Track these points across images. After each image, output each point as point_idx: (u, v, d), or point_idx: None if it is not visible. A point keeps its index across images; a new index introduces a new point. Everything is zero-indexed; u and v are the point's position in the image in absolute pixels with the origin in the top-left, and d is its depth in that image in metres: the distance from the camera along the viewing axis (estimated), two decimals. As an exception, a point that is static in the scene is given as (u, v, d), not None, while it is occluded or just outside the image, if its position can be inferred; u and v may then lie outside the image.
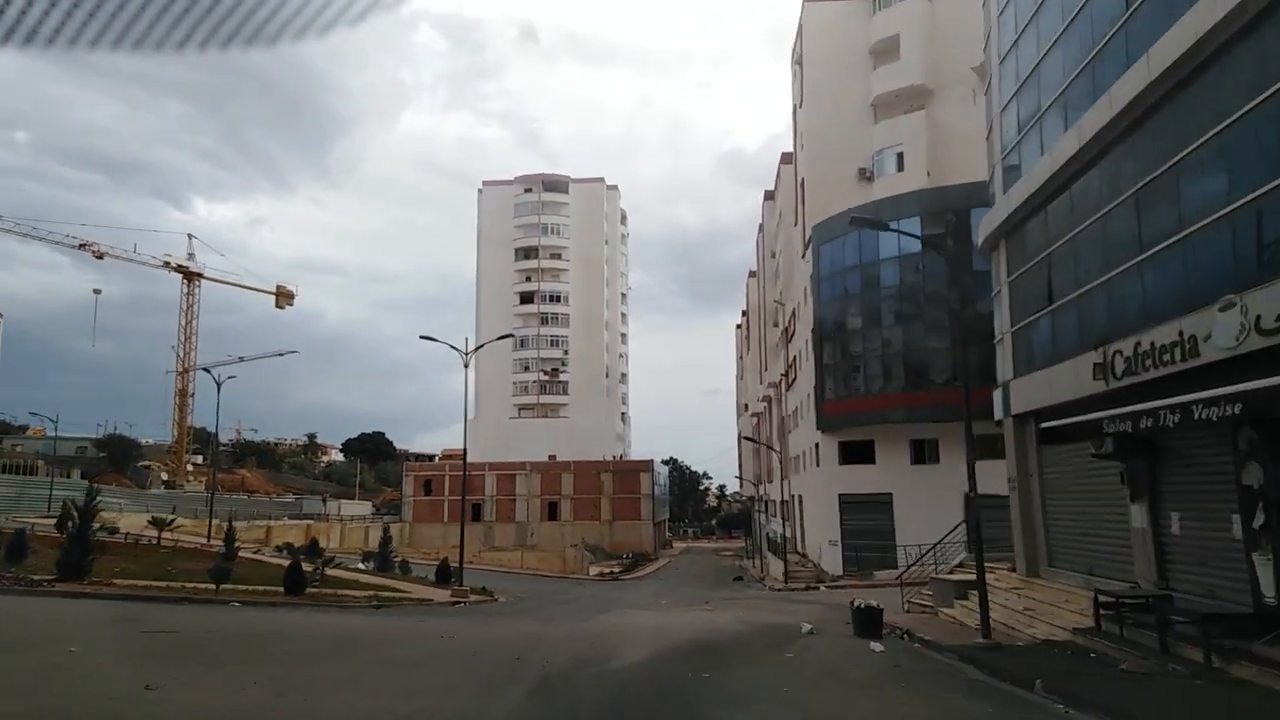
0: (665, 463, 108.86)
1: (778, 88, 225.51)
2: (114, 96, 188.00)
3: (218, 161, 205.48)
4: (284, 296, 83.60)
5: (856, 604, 16.25)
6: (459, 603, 27.68)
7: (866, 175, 46.25)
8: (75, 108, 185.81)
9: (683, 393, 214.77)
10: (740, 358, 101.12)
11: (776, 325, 63.07)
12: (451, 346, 30.45)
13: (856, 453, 40.34)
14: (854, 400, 40.01)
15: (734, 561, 72.86)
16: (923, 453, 38.55)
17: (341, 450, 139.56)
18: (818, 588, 35.72)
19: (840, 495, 40.43)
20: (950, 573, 21.24)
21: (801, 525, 49.29)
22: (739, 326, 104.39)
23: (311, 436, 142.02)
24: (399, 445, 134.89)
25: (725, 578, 53.11)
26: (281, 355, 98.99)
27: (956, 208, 37.62)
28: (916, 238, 15.25)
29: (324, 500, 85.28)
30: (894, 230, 14.90)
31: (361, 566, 37.70)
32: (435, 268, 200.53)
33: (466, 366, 29.79)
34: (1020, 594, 17.13)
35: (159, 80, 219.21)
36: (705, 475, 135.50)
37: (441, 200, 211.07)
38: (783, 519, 46.90)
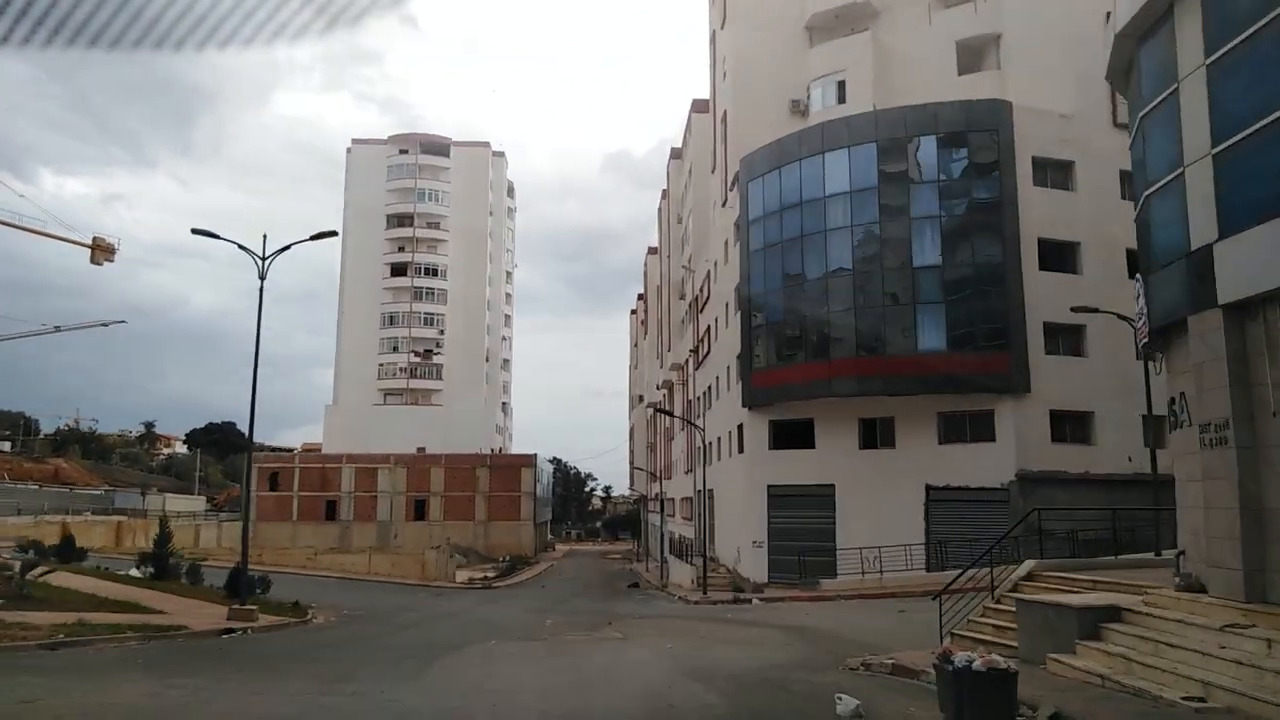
0: (550, 461, 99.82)
1: (668, 91, 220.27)
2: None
3: (68, 131, 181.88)
4: (102, 250, 69.48)
5: (968, 662, 7.77)
6: (234, 630, 18.13)
7: (800, 108, 38.88)
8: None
9: (566, 392, 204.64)
10: (635, 345, 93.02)
11: (683, 298, 55.39)
12: (240, 247, 20.81)
13: (791, 435, 32.75)
14: (790, 369, 32.43)
15: (624, 565, 65.78)
16: (874, 435, 31.27)
17: (185, 441, 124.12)
18: (748, 600, 27.90)
19: (770, 487, 32.76)
20: (1015, 588, 13.33)
21: (712, 524, 41.50)
22: (634, 312, 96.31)
23: (149, 425, 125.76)
24: (257, 440, 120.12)
25: (619, 584, 45.63)
26: (106, 325, 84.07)
27: (920, 133, 30.94)
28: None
29: (143, 494, 72.16)
30: None
31: (135, 573, 28.96)
32: (310, 255, 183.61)
33: (263, 278, 20.26)
34: (1257, 637, 8.99)
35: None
36: (590, 476, 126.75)
37: (316, 184, 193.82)
38: (699, 515, 39.01)
